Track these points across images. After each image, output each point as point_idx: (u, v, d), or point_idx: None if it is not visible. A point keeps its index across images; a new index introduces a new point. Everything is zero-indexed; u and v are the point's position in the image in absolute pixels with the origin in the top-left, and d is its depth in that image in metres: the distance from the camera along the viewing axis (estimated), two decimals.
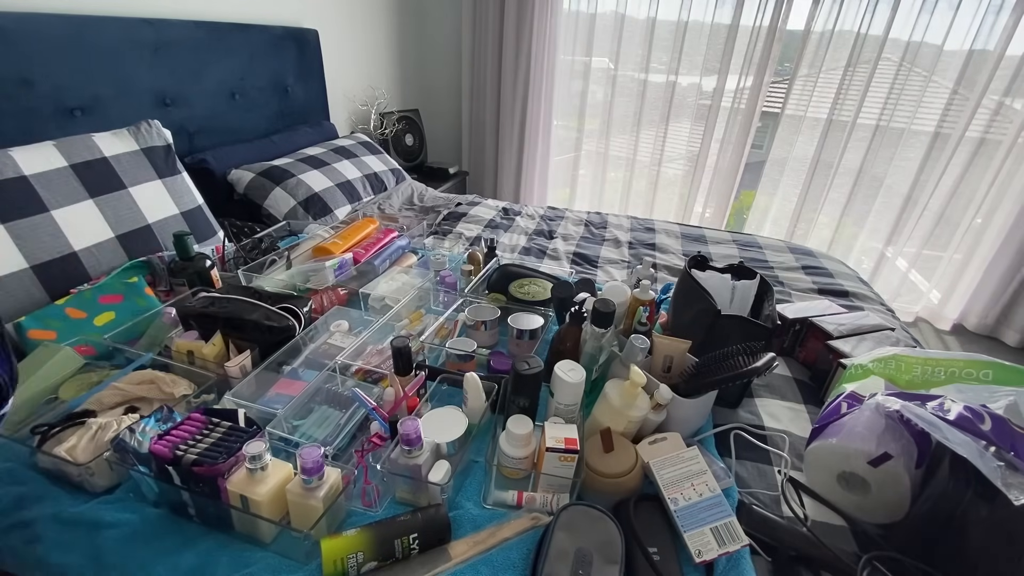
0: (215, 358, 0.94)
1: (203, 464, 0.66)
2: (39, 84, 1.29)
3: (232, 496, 0.67)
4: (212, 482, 0.67)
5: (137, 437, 0.71)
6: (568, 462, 0.74)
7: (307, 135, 2.18)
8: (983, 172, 2.39)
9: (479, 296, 1.24)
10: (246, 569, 0.65)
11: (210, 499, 0.68)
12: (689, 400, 0.86)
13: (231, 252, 1.37)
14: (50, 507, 0.72)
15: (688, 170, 2.89)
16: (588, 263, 1.74)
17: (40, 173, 1.16)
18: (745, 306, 1.10)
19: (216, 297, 1.01)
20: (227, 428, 0.73)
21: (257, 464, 0.66)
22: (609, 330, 0.94)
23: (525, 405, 0.83)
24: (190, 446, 0.68)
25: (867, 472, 0.74)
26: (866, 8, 2.27)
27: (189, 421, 0.73)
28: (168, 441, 0.69)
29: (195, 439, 0.70)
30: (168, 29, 1.59)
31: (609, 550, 0.64)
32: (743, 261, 1.55)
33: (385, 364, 0.97)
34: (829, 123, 2.52)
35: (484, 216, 2.07)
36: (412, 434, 0.71)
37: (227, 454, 0.68)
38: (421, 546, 0.67)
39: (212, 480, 0.67)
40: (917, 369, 0.88)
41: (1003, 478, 0.59)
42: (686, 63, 2.63)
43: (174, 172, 1.46)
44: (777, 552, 0.72)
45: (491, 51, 2.82)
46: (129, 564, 0.65)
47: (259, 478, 0.66)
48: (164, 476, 0.69)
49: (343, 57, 2.46)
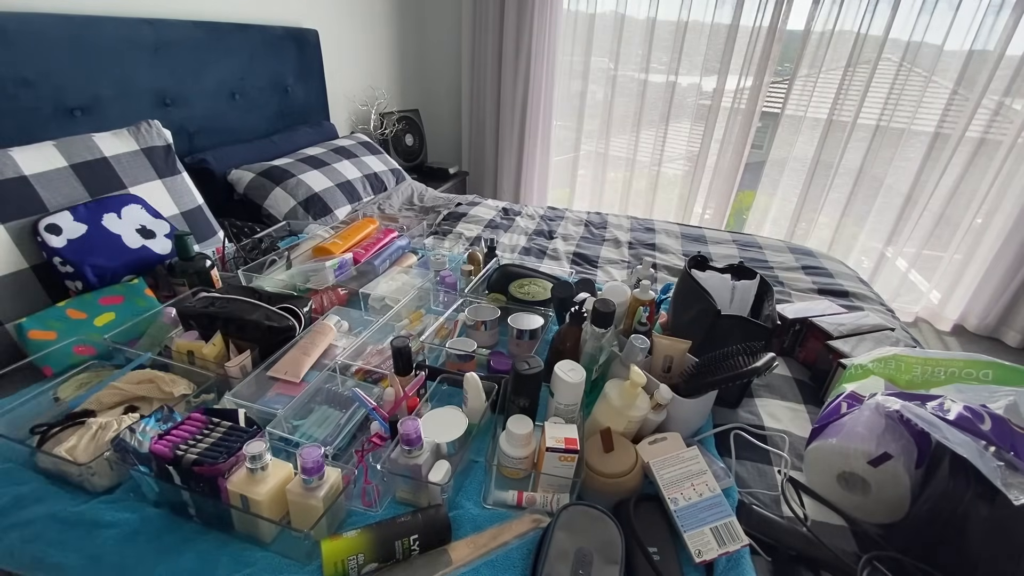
0: (215, 358, 0.94)
1: (203, 464, 0.66)
2: (39, 84, 1.29)
3: (232, 496, 0.67)
4: (212, 482, 0.67)
5: (137, 437, 0.71)
6: (568, 462, 0.74)
7: (307, 135, 2.18)
8: (983, 172, 2.39)
9: (479, 296, 1.24)
10: (246, 569, 0.65)
11: (210, 499, 0.68)
12: (689, 400, 0.86)
13: (231, 252, 1.37)
14: (50, 507, 0.72)
15: (688, 170, 2.89)
16: (588, 263, 1.74)
17: (40, 173, 1.16)
18: (745, 306, 1.10)
19: (216, 297, 1.01)
20: (227, 428, 0.73)
21: (257, 464, 0.66)
22: (609, 330, 0.94)
23: (525, 405, 0.83)
24: (190, 446, 0.69)
25: (867, 472, 0.74)
26: (866, 8, 2.27)
27: (189, 421, 0.73)
28: (168, 441, 0.69)
29: (195, 439, 0.70)
30: (168, 29, 1.58)
31: (609, 550, 0.65)
32: (743, 261, 1.55)
33: (385, 364, 0.97)
34: (829, 123, 2.52)
35: (484, 216, 2.07)
36: (412, 434, 0.71)
37: (227, 454, 0.68)
38: (422, 547, 0.67)
39: (212, 480, 0.67)
40: (917, 369, 0.88)
41: (1003, 478, 0.59)
42: (686, 63, 2.63)
43: (174, 172, 1.46)
44: (777, 552, 0.72)
45: (491, 51, 2.82)
46: (129, 564, 0.65)
47: (259, 478, 0.66)
48: (164, 476, 0.69)
49: (343, 57, 2.46)
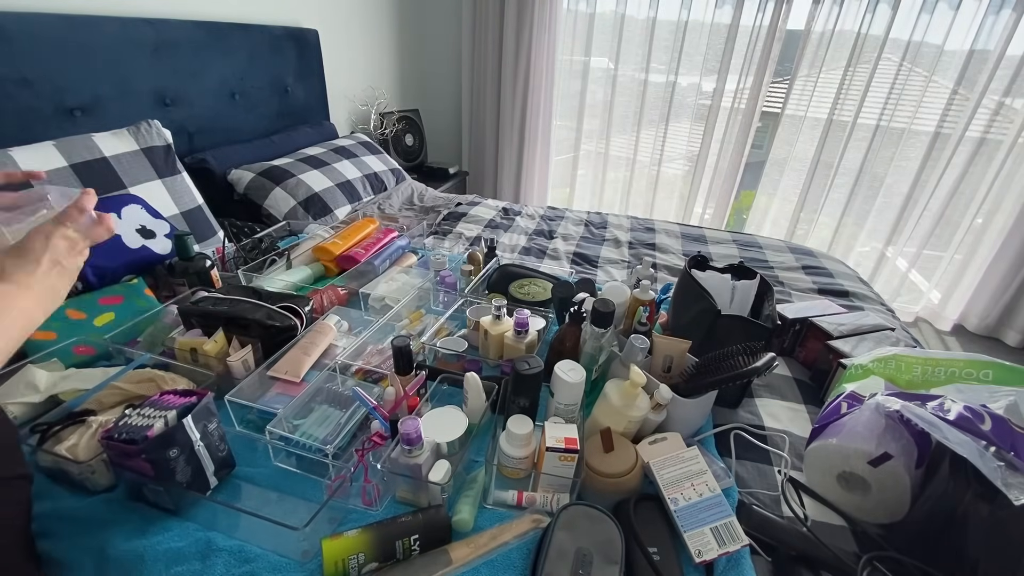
0: (217, 354, 0.94)
1: (115, 439, 0.65)
2: (39, 84, 1.29)
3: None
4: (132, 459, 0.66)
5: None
6: (568, 462, 0.74)
7: (307, 135, 2.18)
8: (983, 172, 2.39)
9: (479, 296, 1.24)
10: (246, 566, 0.66)
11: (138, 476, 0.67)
12: (689, 400, 0.86)
13: (231, 252, 1.37)
14: (50, 505, 0.72)
15: (688, 170, 2.89)
16: (588, 263, 1.74)
17: None
18: (745, 306, 1.10)
19: (219, 297, 1.01)
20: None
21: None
22: (609, 330, 0.94)
23: (525, 405, 0.83)
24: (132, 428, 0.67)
25: (867, 472, 0.74)
26: (866, 8, 2.27)
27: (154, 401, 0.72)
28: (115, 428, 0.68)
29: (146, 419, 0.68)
30: (168, 29, 1.59)
31: (609, 550, 0.65)
32: (743, 261, 1.55)
33: (385, 364, 0.97)
34: (829, 123, 2.52)
35: (484, 216, 2.07)
36: (412, 433, 0.71)
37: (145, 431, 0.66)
38: (422, 547, 0.67)
39: (132, 457, 0.65)
40: (917, 369, 0.88)
41: (1003, 478, 0.59)
42: (686, 63, 2.63)
43: (174, 172, 1.47)
44: (777, 552, 0.72)
45: (491, 51, 2.82)
46: (129, 562, 0.65)
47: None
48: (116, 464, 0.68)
49: (343, 57, 2.46)
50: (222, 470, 0.76)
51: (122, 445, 0.65)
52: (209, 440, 0.72)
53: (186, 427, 0.68)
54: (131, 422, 0.68)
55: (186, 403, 0.71)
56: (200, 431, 0.71)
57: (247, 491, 0.78)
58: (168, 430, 0.67)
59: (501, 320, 1.01)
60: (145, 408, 0.70)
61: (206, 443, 0.72)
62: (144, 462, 0.66)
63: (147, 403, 0.71)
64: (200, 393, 0.73)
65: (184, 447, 0.68)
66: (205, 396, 0.73)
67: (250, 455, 0.82)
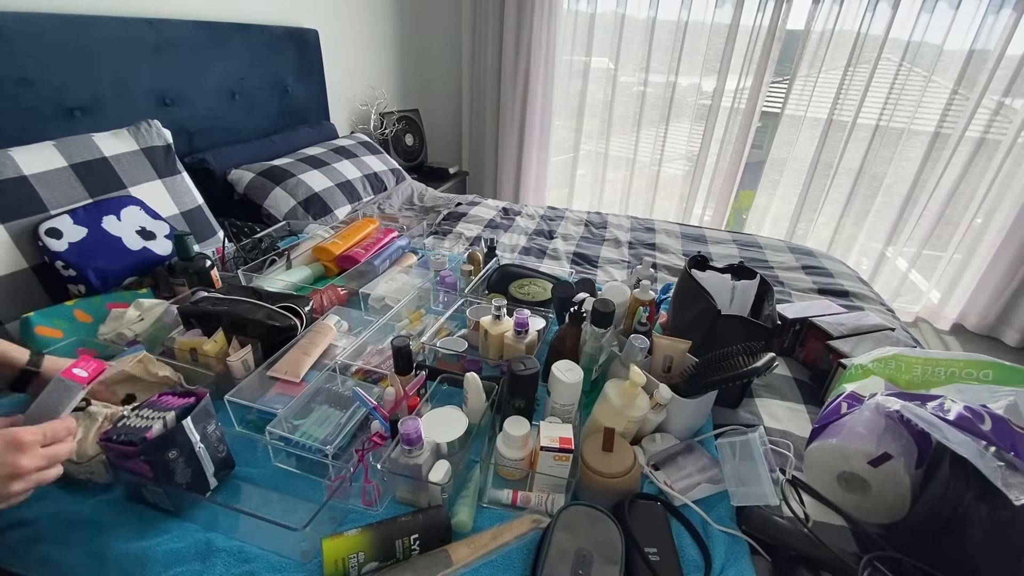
0: (217, 354, 0.94)
1: (113, 440, 0.65)
2: (39, 84, 1.29)
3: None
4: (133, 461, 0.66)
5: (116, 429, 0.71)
6: (563, 461, 0.74)
7: (307, 135, 2.18)
8: (983, 172, 2.39)
9: (479, 296, 1.24)
10: (246, 566, 0.66)
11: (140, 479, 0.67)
12: (689, 400, 0.86)
13: (231, 252, 1.37)
14: (51, 505, 0.72)
15: (688, 170, 2.89)
16: (588, 263, 1.74)
17: (40, 173, 1.16)
18: (745, 306, 1.10)
19: (219, 297, 1.01)
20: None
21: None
22: (609, 330, 0.94)
23: (521, 406, 0.83)
24: (131, 429, 0.67)
25: (867, 472, 0.74)
26: (866, 8, 2.27)
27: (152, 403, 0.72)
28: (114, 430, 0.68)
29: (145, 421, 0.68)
30: (168, 29, 1.58)
31: (609, 550, 0.65)
32: (743, 261, 1.55)
33: (385, 364, 0.97)
34: (829, 123, 2.52)
35: (484, 216, 2.07)
36: (412, 433, 0.71)
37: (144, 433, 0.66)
38: (422, 547, 0.67)
39: (131, 459, 0.66)
40: (917, 369, 0.88)
41: (1003, 478, 0.59)
42: (686, 63, 2.63)
43: (174, 172, 1.46)
44: (777, 552, 0.72)
45: (491, 51, 2.82)
46: (129, 563, 0.65)
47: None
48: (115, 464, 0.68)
49: (343, 57, 2.46)
50: (222, 471, 0.76)
51: (121, 446, 0.65)
52: (209, 441, 0.73)
53: (186, 429, 0.68)
54: (130, 423, 0.68)
55: (185, 404, 0.71)
56: (200, 433, 0.71)
57: (247, 491, 0.78)
58: (167, 431, 0.67)
59: (501, 320, 1.01)
60: (144, 409, 0.70)
61: (206, 444, 0.72)
62: (143, 463, 0.66)
63: (146, 404, 0.71)
64: (199, 394, 0.73)
65: (184, 448, 0.68)
66: (204, 397, 0.73)
67: (250, 455, 0.82)
